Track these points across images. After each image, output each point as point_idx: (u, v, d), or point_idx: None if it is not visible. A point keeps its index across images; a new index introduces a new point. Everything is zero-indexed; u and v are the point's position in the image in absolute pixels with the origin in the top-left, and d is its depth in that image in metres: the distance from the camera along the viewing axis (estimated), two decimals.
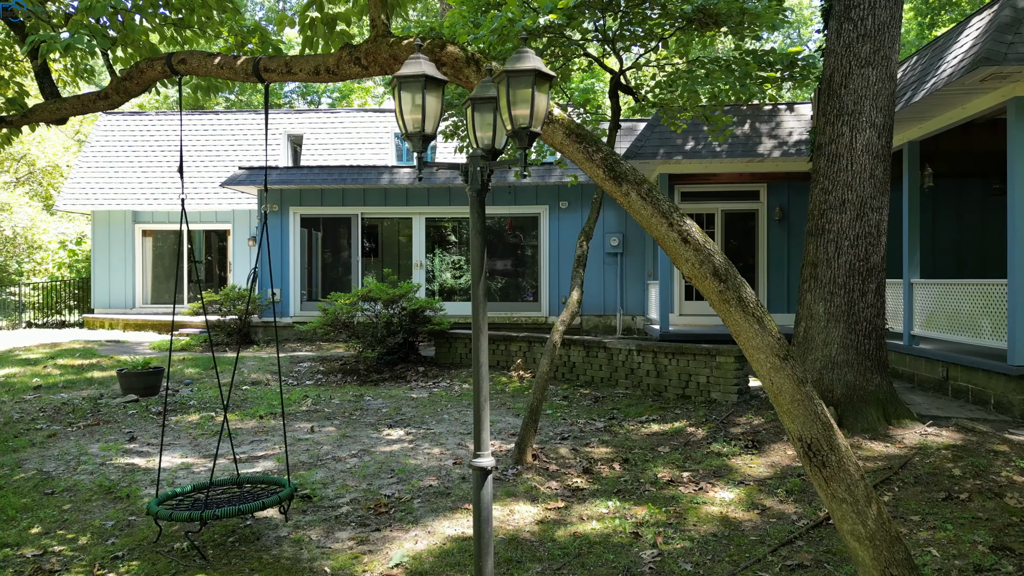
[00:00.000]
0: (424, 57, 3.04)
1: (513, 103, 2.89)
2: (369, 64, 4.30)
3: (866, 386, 7.42)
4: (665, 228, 3.76)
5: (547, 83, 2.94)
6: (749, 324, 3.57)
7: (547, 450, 7.10)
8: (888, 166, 7.65)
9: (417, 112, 2.95)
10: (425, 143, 3.02)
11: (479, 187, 3.09)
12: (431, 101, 2.96)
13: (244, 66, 4.72)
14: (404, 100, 2.96)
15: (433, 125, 2.97)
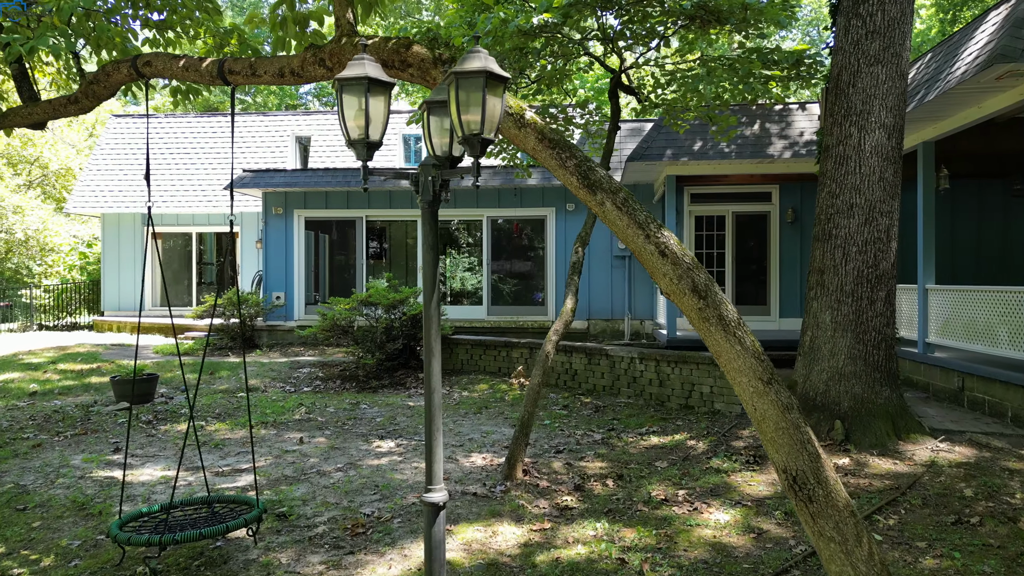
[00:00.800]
0: (369, 58, 2.80)
1: (463, 107, 2.65)
2: (333, 66, 4.07)
3: (875, 399, 7.09)
4: (642, 240, 3.50)
5: (501, 85, 2.69)
6: (730, 345, 3.29)
7: (540, 464, 6.84)
8: (898, 168, 7.32)
9: (360, 117, 2.72)
10: (370, 151, 2.78)
11: (430, 198, 2.85)
12: (376, 105, 2.73)
13: (209, 68, 4.51)
14: (346, 104, 2.73)
15: (379, 131, 2.74)
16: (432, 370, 2.81)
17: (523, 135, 3.74)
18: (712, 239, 15.00)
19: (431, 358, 2.81)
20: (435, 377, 2.82)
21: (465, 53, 2.74)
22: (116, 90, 5.14)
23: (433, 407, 2.82)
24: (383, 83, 2.74)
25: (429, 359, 2.81)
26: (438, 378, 2.82)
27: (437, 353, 2.80)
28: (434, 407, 2.82)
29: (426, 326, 2.82)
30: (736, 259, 14.88)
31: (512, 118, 3.78)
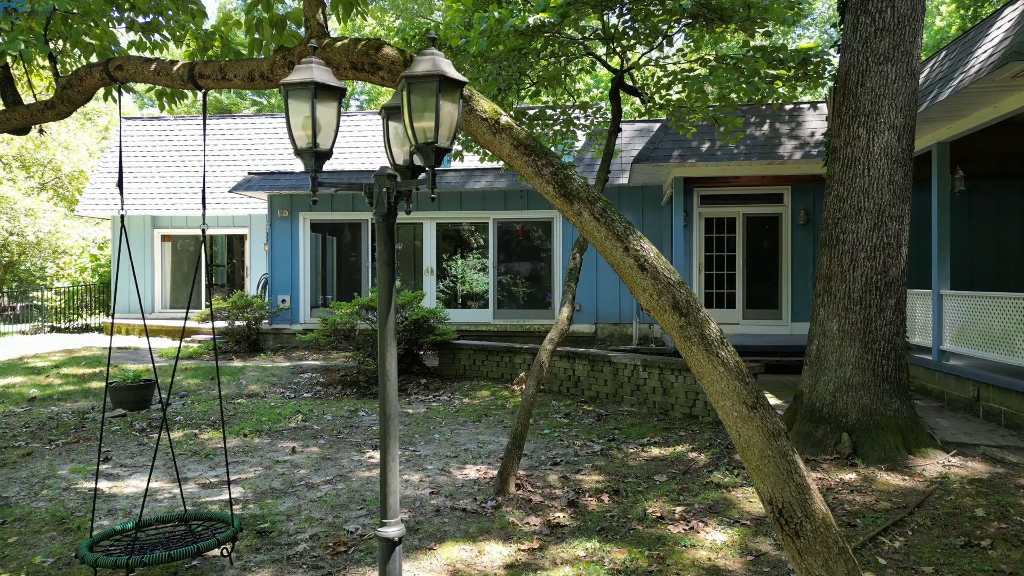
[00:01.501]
0: (318, 62, 2.62)
1: (416, 114, 2.46)
2: None
3: (884, 411, 6.81)
4: (620, 253, 3.29)
5: (457, 90, 2.49)
6: (713, 366, 3.07)
7: (535, 477, 6.64)
8: (909, 171, 7.04)
9: (308, 125, 2.53)
10: (319, 161, 2.60)
11: (385, 211, 2.67)
12: (325, 112, 2.54)
13: (180, 72, 4.36)
14: (293, 111, 2.54)
15: (328, 140, 2.55)
16: (387, 395, 2.62)
17: (497, 141, 3.55)
18: (722, 241, 14.71)
19: (385, 382, 2.62)
20: (390, 403, 2.62)
21: (418, 55, 2.54)
22: (91, 94, 5.00)
23: (388, 436, 2.63)
24: (332, 88, 2.55)
25: (383, 383, 2.62)
26: (394, 404, 2.63)
27: (392, 377, 2.61)
28: (389, 436, 2.63)
29: (381, 348, 2.63)
30: (747, 262, 14.58)
31: (486, 123, 3.59)
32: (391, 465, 2.62)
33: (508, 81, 8.32)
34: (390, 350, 2.61)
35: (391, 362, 2.62)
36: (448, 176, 15.56)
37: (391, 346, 2.61)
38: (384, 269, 2.70)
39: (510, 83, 8.69)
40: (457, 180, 15.20)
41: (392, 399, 2.63)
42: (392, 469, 2.63)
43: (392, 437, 2.63)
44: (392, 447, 2.63)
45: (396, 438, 2.64)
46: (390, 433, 2.63)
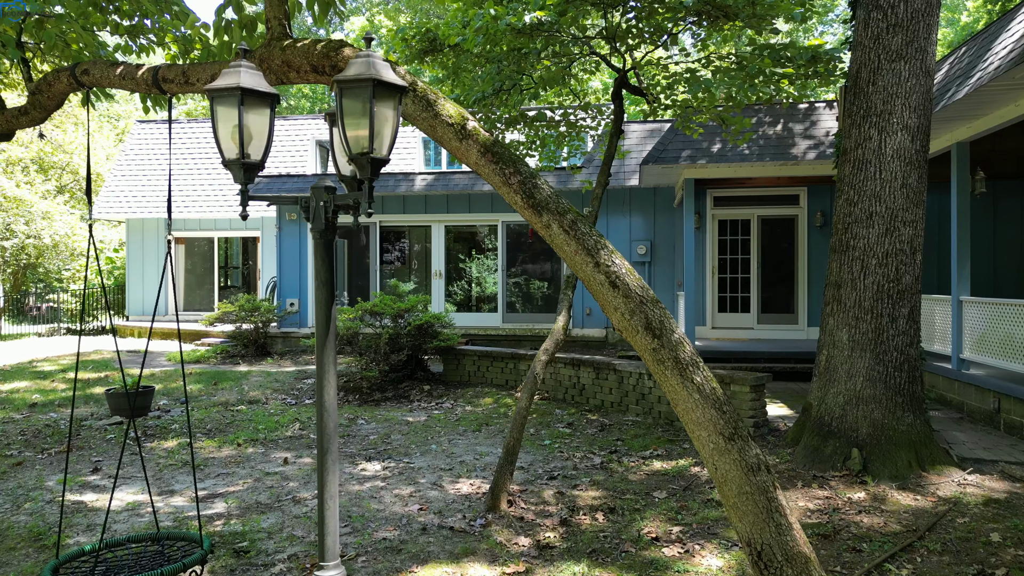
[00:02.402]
0: (248, 65, 2.41)
1: (349, 122, 2.24)
2: (264, 71, 3.69)
3: (896, 425, 6.50)
4: (591, 268, 3.06)
5: (395, 95, 2.27)
6: (688, 392, 2.83)
7: (529, 493, 6.41)
8: (923, 173, 6.71)
9: (236, 134, 2.33)
10: (250, 173, 2.39)
11: (322, 227, 2.45)
12: (254, 120, 2.34)
13: (145, 76, 4.18)
14: (220, 119, 2.34)
15: (260, 150, 2.35)
16: (324, 427, 2.40)
17: (464, 148, 3.34)
18: (736, 244, 14.38)
19: (323, 413, 2.40)
20: (328, 436, 2.41)
21: (353, 58, 2.33)
22: (61, 99, 4.85)
23: (326, 471, 2.42)
24: (262, 95, 2.34)
25: (320, 413, 2.40)
26: (332, 438, 2.42)
27: (331, 407, 2.40)
28: (327, 471, 2.42)
29: (319, 374, 2.41)
30: (762, 265, 14.23)
31: (452, 128, 3.38)
32: (329, 503, 2.41)
33: (504, 80, 8.09)
34: (328, 377, 2.39)
35: (329, 391, 2.41)
36: (456, 178, 15.37)
37: (330, 373, 2.40)
38: (322, 290, 2.48)
39: (509, 83, 8.47)
40: (465, 182, 15.00)
41: (330, 431, 2.42)
42: (330, 507, 2.41)
43: (330, 472, 2.42)
44: (330, 483, 2.42)
45: (335, 472, 2.42)
46: (328, 467, 2.41)
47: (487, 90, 8.12)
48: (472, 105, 8.33)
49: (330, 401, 2.41)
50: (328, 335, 2.42)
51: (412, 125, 3.43)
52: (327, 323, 2.44)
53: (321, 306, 2.47)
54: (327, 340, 2.42)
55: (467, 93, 8.48)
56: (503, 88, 8.41)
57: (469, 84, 8.94)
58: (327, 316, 2.45)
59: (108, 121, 31.74)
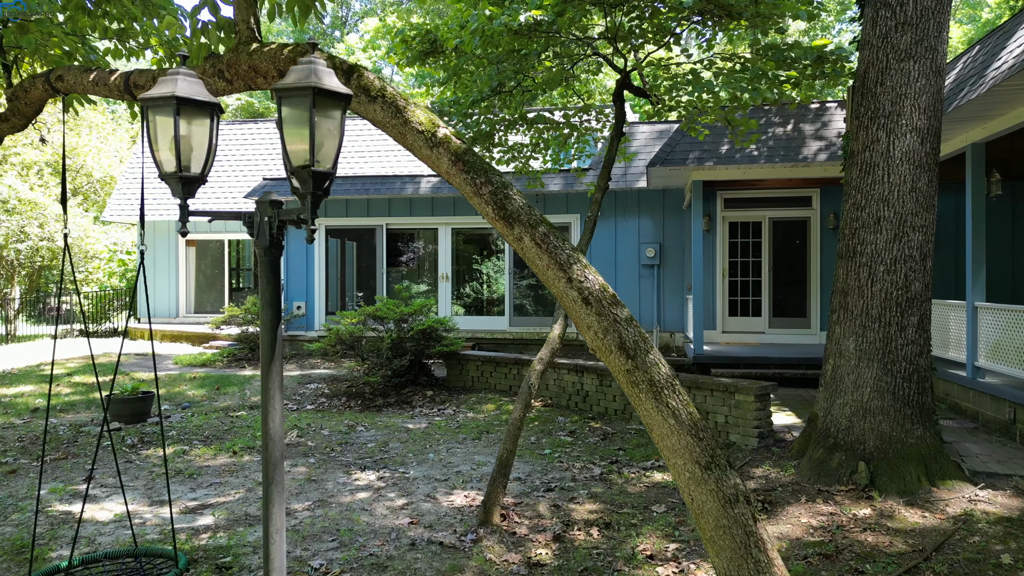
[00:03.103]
0: (186, 72, 2.27)
1: (288, 132, 2.10)
2: (232, 78, 3.57)
3: (904, 438, 6.27)
4: (563, 284, 2.90)
5: (339, 104, 2.13)
6: (663, 417, 2.66)
7: (524, 506, 6.24)
8: (934, 177, 6.48)
9: (173, 147, 2.19)
10: (189, 187, 2.25)
11: (267, 243, 2.31)
12: (195, 132, 2.19)
13: (117, 82, 4.07)
14: (156, 130, 2.20)
15: (200, 163, 2.21)
16: (270, 456, 2.26)
17: (435, 156, 3.19)
18: (747, 247, 14.12)
19: (268, 442, 2.26)
20: (273, 466, 2.26)
21: (295, 64, 2.18)
22: (39, 106, 4.76)
23: (272, 503, 2.27)
24: (201, 104, 2.20)
25: (266, 442, 2.26)
26: (279, 468, 2.27)
27: (276, 435, 2.25)
28: (272, 503, 2.27)
29: (264, 400, 2.27)
30: (773, 268, 13.97)
31: (422, 136, 3.24)
32: (274, 538, 2.26)
33: (503, 81, 7.94)
34: (273, 403, 2.25)
35: (275, 418, 2.26)
36: None
37: (275, 399, 2.26)
38: (267, 311, 2.34)
39: (511, 84, 8.31)
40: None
41: (275, 460, 2.28)
42: (276, 543, 2.27)
43: (276, 504, 2.28)
44: (276, 515, 2.27)
45: (281, 505, 2.28)
46: (273, 499, 2.27)
47: (484, 91, 7.97)
48: (470, 107, 8.19)
49: (275, 429, 2.27)
50: (273, 360, 2.28)
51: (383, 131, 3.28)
52: (272, 346, 2.30)
53: (266, 328, 2.33)
54: (272, 365, 2.28)
55: (465, 95, 8.33)
56: (502, 90, 8.25)
57: (469, 85, 8.80)
58: (272, 339, 2.30)
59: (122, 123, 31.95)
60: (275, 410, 2.27)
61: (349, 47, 39.28)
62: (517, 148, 9.49)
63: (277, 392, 2.29)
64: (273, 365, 2.29)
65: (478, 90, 8.12)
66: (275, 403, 2.28)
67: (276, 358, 2.30)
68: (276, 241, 2.35)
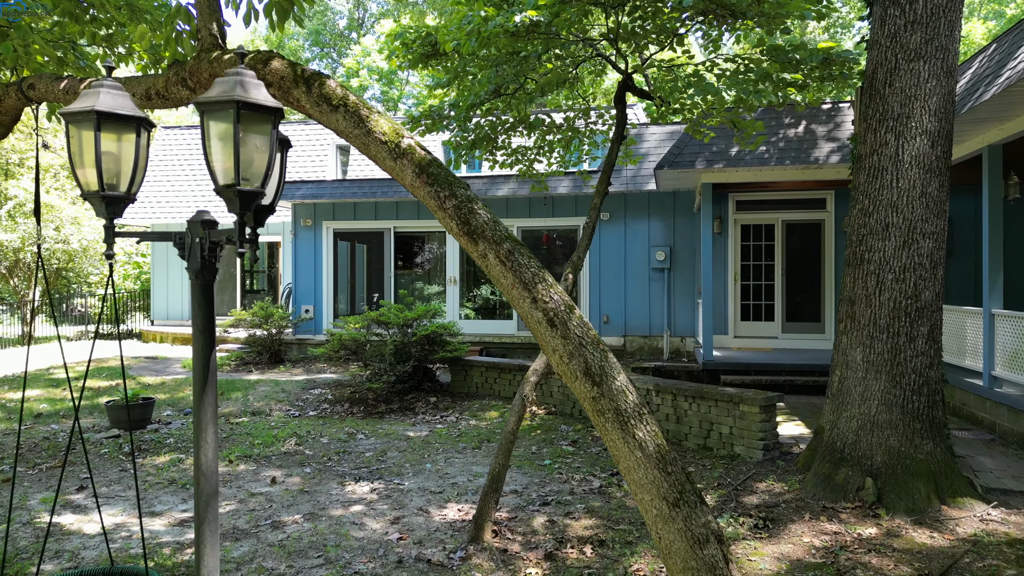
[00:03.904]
0: (110, 84, 2.14)
1: (212, 149, 1.95)
2: (195, 86, 3.44)
3: (914, 454, 6.03)
4: (528, 304, 2.74)
5: (268, 119, 1.98)
6: (629, 449, 2.49)
7: (518, 521, 6.08)
8: (945, 181, 6.23)
9: (94, 164, 2.05)
10: (114, 207, 2.11)
11: (199, 266, 2.17)
12: (121, 148, 2.06)
13: None
14: (78, 145, 2.06)
15: (127, 180, 2.07)
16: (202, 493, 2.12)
17: (399, 167, 3.04)
18: (760, 250, 13.85)
19: (199, 477, 2.12)
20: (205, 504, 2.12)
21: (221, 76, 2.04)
22: (16, 114, 4.67)
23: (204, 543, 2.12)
24: (126, 118, 2.06)
25: (198, 477, 2.12)
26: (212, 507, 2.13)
27: (208, 470, 2.11)
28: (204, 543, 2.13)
29: (196, 433, 2.13)
30: (786, 271, 13.70)
31: (385, 147, 3.09)
32: None
33: (502, 83, 7.78)
34: (206, 436, 2.11)
35: (208, 452, 2.12)
36: (471, 183, 15.10)
37: (208, 431, 2.11)
38: (199, 338, 2.20)
39: (513, 85, 8.15)
40: (480, 187, 14.72)
41: (207, 496, 2.14)
42: None
43: (208, 545, 2.14)
44: (208, 557, 2.13)
45: (215, 545, 2.14)
46: (205, 540, 2.13)
47: (481, 92, 7.82)
48: (468, 110, 8.04)
49: (208, 464, 2.13)
50: (206, 387, 2.14)
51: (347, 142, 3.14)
52: (205, 374, 2.16)
53: (198, 356, 2.19)
54: (204, 395, 2.14)
55: (464, 97, 8.19)
56: (503, 92, 8.10)
57: (469, 87, 8.65)
58: (205, 366, 2.16)
59: None
60: (207, 443, 2.13)
61: (365, 49, 39.34)
62: (521, 151, 9.34)
63: (210, 424, 2.15)
64: (206, 396, 2.15)
65: (474, 93, 7.97)
66: (208, 435, 2.14)
67: (209, 388, 2.16)
68: (209, 264, 2.21)
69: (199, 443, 2.15)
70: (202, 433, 2.14)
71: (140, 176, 2.13)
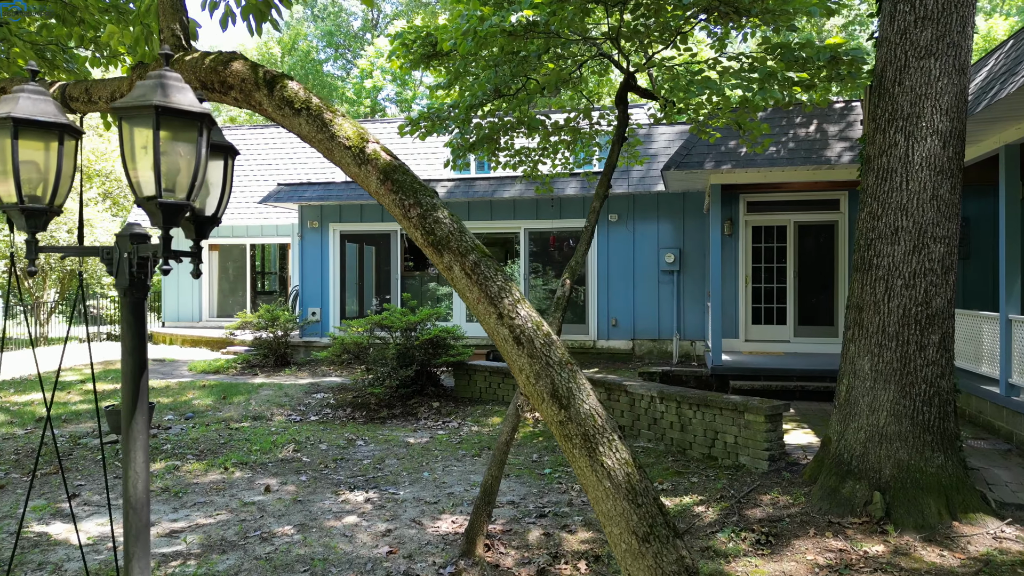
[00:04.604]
0: (31, 89, 2.00)
1: (129, 157, 1.80)
2: None
3: (924, 467, 5.79)
4: (494, 321, 2.58)
5: (193, 125, 1.83)
6: (598, 478, 2.32)
7: (512, 533, 5.91)
8: (957, 183, 5.99)
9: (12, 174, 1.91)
10: (35, 220, 1.97)
11: (127, 283, 2.02)
12: (44, 158, 1.91)
13: (55, 94, 3.84)
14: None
15: (50, 191, 1.93)
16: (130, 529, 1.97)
17: (363, 174, 2.89)
18: (772, 252, 13.58)
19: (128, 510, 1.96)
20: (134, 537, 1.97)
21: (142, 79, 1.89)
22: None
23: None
24: (46, 125, 1.92)
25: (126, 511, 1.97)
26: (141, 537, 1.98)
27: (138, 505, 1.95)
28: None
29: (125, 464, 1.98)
30: (799, 274, 13.42)
31: (349, 152, 2.94)
32: None
33: (501, 83, 7.62)
34: (135, 467, 1.95)
35: (138, 483, 1.97)
36: (478, 184, 14.95)
37: (137, 461, 1.96)
38: (128, 360, 2.05)
39: (516, 86, 7.99)
40: (486, 188, 14.56)
41: (136, 531, 1.99)
42: None
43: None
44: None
45: None
46: None
47: (478, 94, 7.66)
48: (466, 111, 7.88)
49: (138, 496, 1.98)
50: (135, 413, 1.99)
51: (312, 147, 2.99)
52: (134, 399, 2.01)
53: (127, 379, 2.04)
54: (134, 419, 1.99)
55: (464, 98, 8.03)
56: (504, 92, 7.93)
57: (470, 88, 8.50)
58: (134, 390, 2.01)
59: None
60: (136, 473, 1.98)
61: (379, 50, 39.31)
62: (524, 152, 9.17)
63: (140, 452, 1.99)
64: (135, 423, 2.00)
65: (472, 94, 7.81)
66: (137, 465, 1.98)
67: (139, 414, 2.01)
68: (138, 281, 2.06)
69: (127, 473, 2.00)
70: (131, 463, 1.99)
71: (64, 187, 1.99)
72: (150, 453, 8.17)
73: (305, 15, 46.78)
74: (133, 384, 2.03)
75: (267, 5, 4.25)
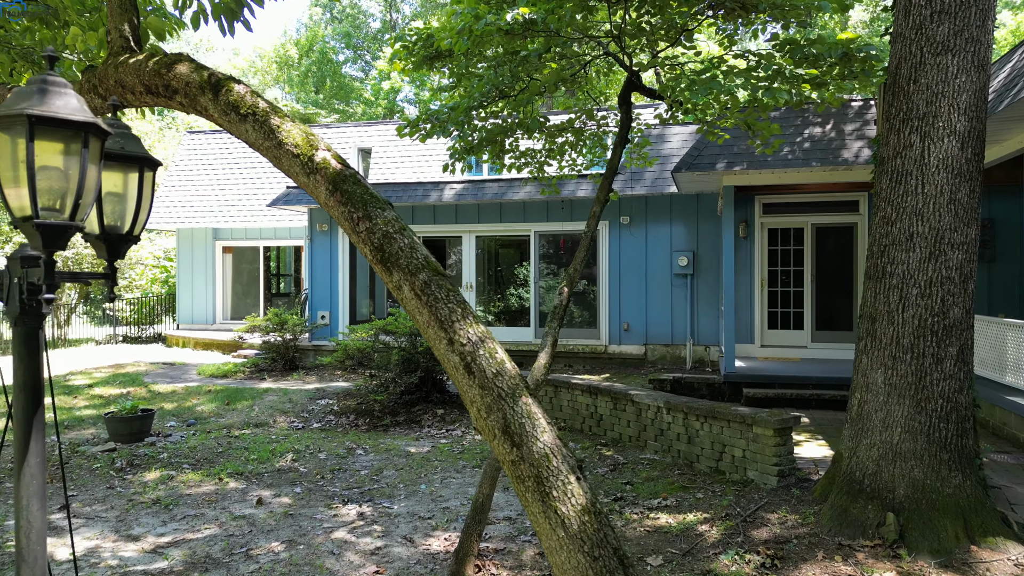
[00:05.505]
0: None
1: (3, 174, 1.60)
2: (105, 93, 3.12)
3: (940, 487, 5.47)
4: (444, 346, 2.36)
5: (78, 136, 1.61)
6: (551, 527, 2.09)
7: (505, 553, 5.68)
8: (976, 186, 5.66)
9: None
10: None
11: (18, 311, 1.81)
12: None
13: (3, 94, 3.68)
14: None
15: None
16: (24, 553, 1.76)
17: (313, 184, 2.69)
18: (788, 255, 13.22)
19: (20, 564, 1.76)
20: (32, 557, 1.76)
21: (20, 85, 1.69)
22: None
23: None
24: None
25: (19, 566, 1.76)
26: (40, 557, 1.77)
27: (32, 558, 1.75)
28: None
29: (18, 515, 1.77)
30: (816, 277, 13.05)
31: (298, 160, 2.74)
32: None
33: (501, 83, 7.39)
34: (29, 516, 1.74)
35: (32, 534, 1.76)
36: (487, 186, 14.74)
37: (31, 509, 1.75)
38: (21, 397, 1.85)
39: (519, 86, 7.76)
40: (496, 191, 14.34)
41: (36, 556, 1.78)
42: None
43: None
44: None
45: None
46: None
47: (476, 95, 7.44)
48: (466, 112, 7.67)
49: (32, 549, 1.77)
50: (28, 454, 1.78)
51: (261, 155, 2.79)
52: (27, 439, 1.80)
53: (20, 416, 1.83)
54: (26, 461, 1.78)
55: (462, 100, 7.82)
56: (506, 93, 7.70)
57: (472, 89, 8.29)
58: (27, 429, 1.81)
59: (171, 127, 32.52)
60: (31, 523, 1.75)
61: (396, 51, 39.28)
62: (530, 153, 8.94)
63: (35, 499, 1.78)
64: (27, 465, 1.79)
65: (470, 96, 7.59)
66: (31, 514, 1.76)
67: (32, 455, 1.79)
68: (30, 308, 1.85)
69: (19, 523, 1.80)
70: (23, 511, 1.79)
71: None
72: (138, 463, 7.96)
73: (324, 17, 46.83)
74: (26, 423, 1.83)
75: (239, 4, 4.06)
